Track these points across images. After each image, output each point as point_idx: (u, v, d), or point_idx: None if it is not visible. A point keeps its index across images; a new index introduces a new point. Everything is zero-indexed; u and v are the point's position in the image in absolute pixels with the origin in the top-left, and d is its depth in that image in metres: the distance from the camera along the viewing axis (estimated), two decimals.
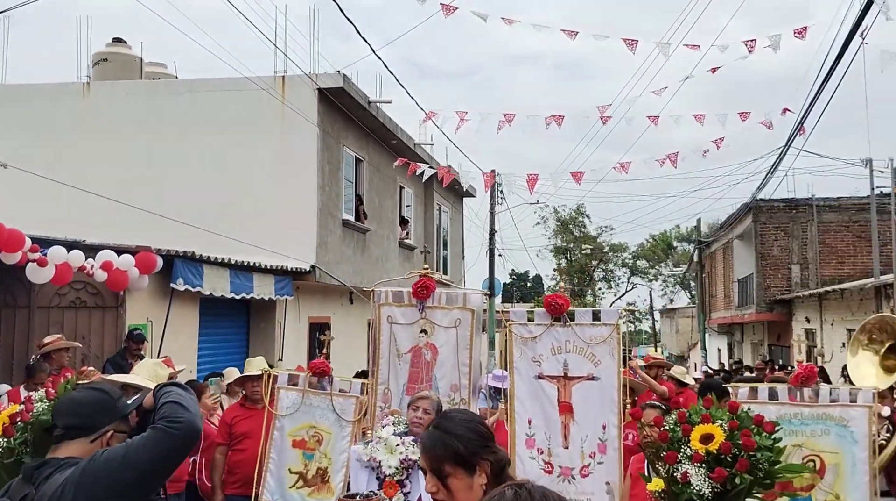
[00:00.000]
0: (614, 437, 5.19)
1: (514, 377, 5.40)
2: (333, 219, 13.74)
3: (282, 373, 6.04)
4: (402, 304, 5.99)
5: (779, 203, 20.43)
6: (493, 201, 25.09)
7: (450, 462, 2.19)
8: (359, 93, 13.76)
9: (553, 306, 5.28)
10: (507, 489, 1.33)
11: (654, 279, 56.29)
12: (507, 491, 1.31)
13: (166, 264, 8.86)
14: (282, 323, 12.42)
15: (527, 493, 1.31)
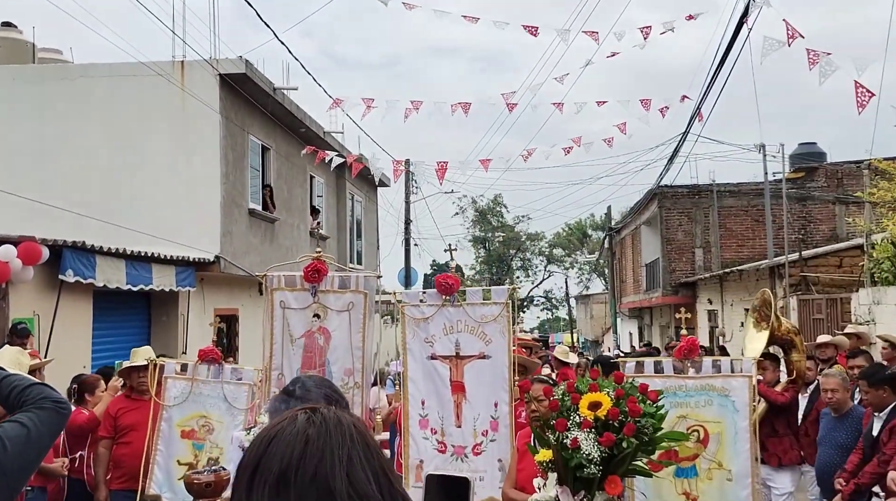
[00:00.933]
0: (506, 414, 5.24)
1: (408, 359, 5.39)
2: (239, 208, 13.42)
3: (169, 362, 5.87)
4: (294, 288, 5.90)
5: (682, 189, 21.11)
6: (408, 190, 25.09)
7: None
8: (263, 79, 13.46)
9: (444, 285, 5.28)
10: (301, 413, 1.20)
11: (569, 267, 57.44)
12: (299, 415, 1.19)
13: (55, 254, 8.47)
14: (185, 315, 12.07)
15: (321, 418, 1.18)
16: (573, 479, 3.49)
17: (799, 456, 6.62)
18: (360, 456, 1.16)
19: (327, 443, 1.15)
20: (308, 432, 1.16)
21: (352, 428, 1.20)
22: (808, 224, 19.96)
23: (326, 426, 1.17)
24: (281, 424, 1.19)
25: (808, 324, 11.54)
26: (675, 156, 14.65)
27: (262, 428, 3.84)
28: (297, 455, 1.13)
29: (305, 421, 1.17)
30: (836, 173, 20.23)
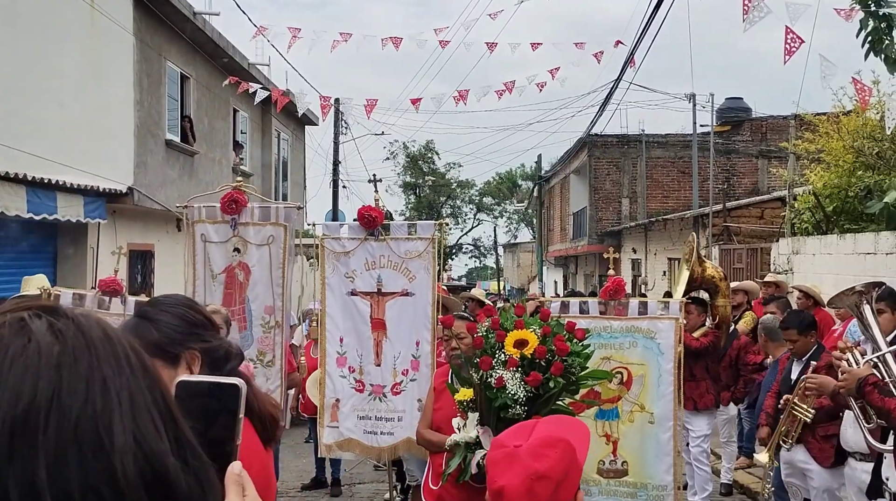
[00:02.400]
0: (427, 354, 5.06)
1: (326, 294, 5.12)
2: (155, 138, 12.70)
3: (65, 292, 5.43)
4: (215, 221, 5.55)
5: (612, 139, 21.18)
6: (337, 129, 24.44)
7: (148, 352, 1.83)
8: (182, 2, 12.63)
9: (367, 219, 5.00)
10: (31, 317, 0.71)
11: (499, 216, 57.74)
12: (31, 321, 0.70)
13: None
14: (94, 249, 11.41)
15: (73, 328, 0.71)
16: (496, 420, 3.32)
17: (714, 400, 6.69)
18: (144, 391, 0.73)
19: (93, 370, 0.68)
20: (55, 350, 0.67)
21: (124, 346, 0.76)
22: (732, 177, 20.33)
23: (85, 339, 0.70)
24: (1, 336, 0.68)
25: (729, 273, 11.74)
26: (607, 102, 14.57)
27: None
28: (43, 388, 0.64)
29: (47, 332, 0.68)
30: (760, 128, 20.58)
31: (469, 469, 3.30)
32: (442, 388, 3.95)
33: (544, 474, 1.89)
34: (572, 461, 1.97)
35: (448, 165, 53.20)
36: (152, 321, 1.88)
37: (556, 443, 1.96)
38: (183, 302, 2.01)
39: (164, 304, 1.98)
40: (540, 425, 2.14)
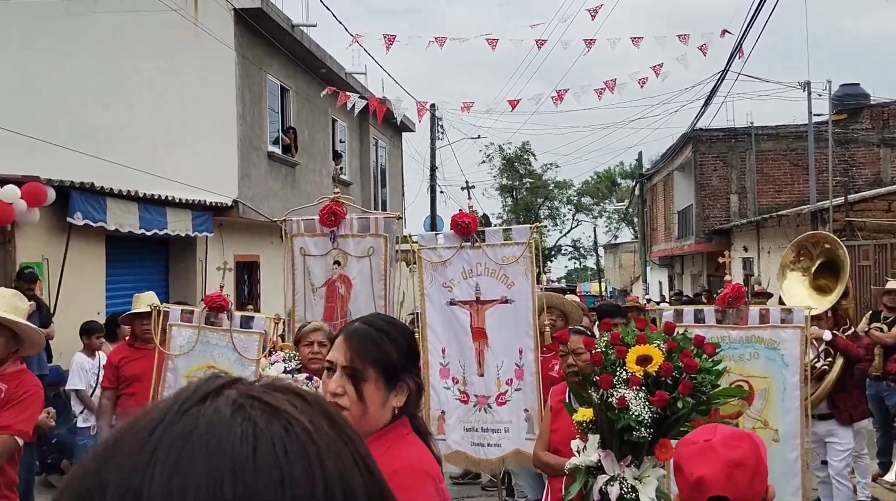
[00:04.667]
0: (531, 362, 4.84)
1: (426, 305, 4.98)
2: (258, 151, 13.00)
3: (173, 309, 5.50)
4: (314, 234, 5.54)
5: (718, 133, 20.29)
6: (434, 135, 24.50)
7: (375, 368, 1.82)
8: (280, 15, 12.89)
9: (461, 226, 4.83)
10: (217, 397, 0.58)
11: (598, 216, 56.66)
12: (215, 403, 0.58)
13: (62, 196, 8.14)
14: (203, 262, 11.76)
15: (267, 411, 0.58)
16: (620, 443, 3.08)
17: (866, 410, 6.26)
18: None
19: (348, 444, 0.59)
20: (312, 431, 0.57)
21: (349, 430, 0.62)
22: (851, 168, 19.09)
23: (324, 412, 0.61)
24: (178, 415, 0.57)
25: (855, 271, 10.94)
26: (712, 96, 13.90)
27: None
28: (331, 474, 0.56)
29: (234, 414, 0.56)
30: (881, 114, 19.25)
31: (591, 495, 3.06)
32: (559, 407, 3.74)
33: (740, 462, 1.93)
34: (760, 455, 2.03)
35: (545, 166, 52.64)
36: (389, 338, 1.87)
37: (744, 436, 2.07)
38: (407, 328, 2.03)
39: (394, 324, 1.97)
40: (720, 426, 2.20)
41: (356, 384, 1.83)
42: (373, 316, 2.04)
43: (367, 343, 1.86)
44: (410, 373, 1.90)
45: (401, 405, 1.87)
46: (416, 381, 1.91)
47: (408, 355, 1.91)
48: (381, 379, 1.84)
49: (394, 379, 1.85)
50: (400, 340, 1.91)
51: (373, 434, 1.86)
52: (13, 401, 3.58)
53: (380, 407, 1.84)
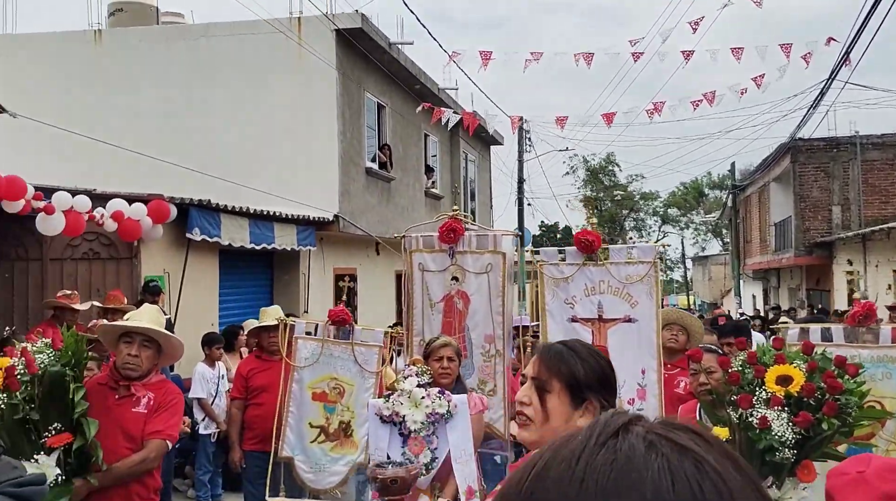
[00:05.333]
0: (654, 382, 4.81)
1: (548, 321, 5.01)
2: (356, 167, 13.33)
3: (299, 322, 5.70)
4: (432, 250, 5.65)
5: (819, 142, 19.58)
6: (522, 148, 24.50)
7: (561, 381, 1.92)
8: (379, 34, 13.21)
9: (584, 243, 4.85)
10: (628, 435, 0.67)
11: (685, 228, 55.45)
12: (628, 439, 0.66)
13: (182, 213, 8.56)
14: (306, 275, 12.13)
15: (677, 451, 0.65)
16: (760, 463, 3.06)
17: None
18: None
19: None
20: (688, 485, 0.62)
21: (751, 472, 0.68)
22: None
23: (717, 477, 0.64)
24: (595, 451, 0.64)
25: None
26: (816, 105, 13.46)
27: (401, 395, 3.57)
28: None
29: (648, 450, 0.64)
30: None
31: None
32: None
33: (894, 495, 1.86)
34: None
35: (630, 177, 51.88)
36: (579, 357, 1.95)
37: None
38: (603, 356, 2.08)
39: (588, 349, 2.05)
40: (874, 457, 2.11)
41: (541, 395, 1.93)
42: (573, 340, 2.11)
43: (555, 358, 1.96)
44: (598, 395, 1.93)
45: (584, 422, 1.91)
46: (605, 405, 1.94)
47: (598, 378, 1.97)
48: (565, 393, 1.93)
49: (579, 396, 1.92)
50: (591, 361, 1.97)
51: None
52: (161, 408, 3.80)
53: (562, 422, 1.91)
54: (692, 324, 5.41)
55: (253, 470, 5.61)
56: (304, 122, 12.37)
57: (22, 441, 3.38)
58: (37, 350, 3.49)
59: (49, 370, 3.41)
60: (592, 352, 2.05)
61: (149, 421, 3.72)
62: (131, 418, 3.69)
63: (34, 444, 3.38)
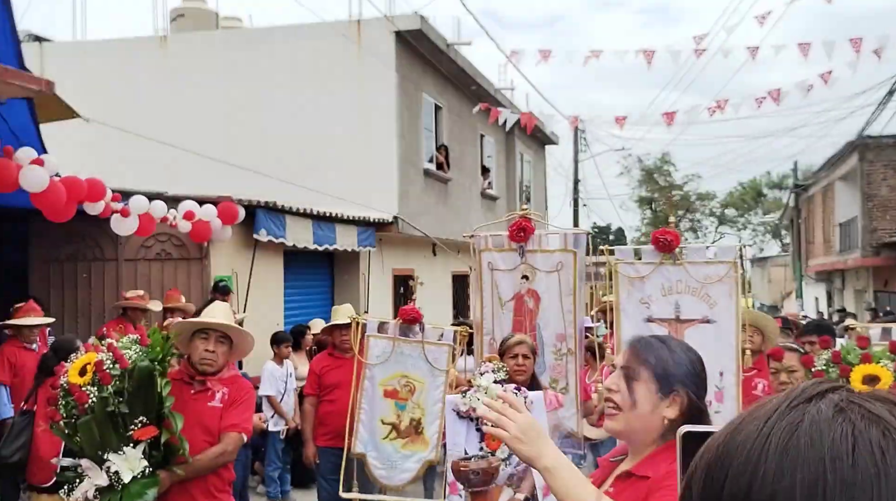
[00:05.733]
0: (732, 385, 4.72)
1: (622, 320, 4.95)
2: (415, 168, 13.40)
3: (370, 321, 5.76)
4: (502, 249, 5.64)
5: (889, 139, 18.97)
6: (577, 147, 24.35)
7: (649, 370, 1.95)
8: (437, 35, 13.26)
9: (662, 242, 4.78)
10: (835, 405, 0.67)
11: (742, 228, 54.33)
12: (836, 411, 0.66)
13: (248, 214, 8.70)
14: (366, 275, 12.23)
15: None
16: None
17: None
18: None
19: None
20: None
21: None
22: None
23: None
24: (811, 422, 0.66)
25: None
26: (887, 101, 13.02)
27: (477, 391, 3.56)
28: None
29: (835, 416, 0.66)
30: None
31: None
32: None
33: None
34: None
35: (686, 177, 51.03)
36: (669, 349, 2.00)
37: None
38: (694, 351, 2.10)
39: (680, 343, 2.09)
40: None
41: (629, 383, 1.97)
42: (665, 336, 2.16)
43: (644, 347, 2.00)
44: (685, 387, 1.95)
45: (673, 417, 1.93)
46: (693, 399, 1.95)
47: (686, 371, 1.97)
48: (652, 382, 1.95)
49: (666, 387, 1.94)
50: (680, 354, 2.00)
51: (654, 450, 1.96)
52: (236, 403, 3.86)
53: (649, 410, 1.94)
54: (767, 325, 5.29)
55: (326, 466, 5.68)
56: (364, 124, 12.49)
57: (110, 434, 3.46)
58: (124, 346, 3.58)
59: (138, 365, 3.50)
60: (684, 346, 2.07)
61: (225, 415, 3.79)
62: (208, 412, 3.76)
63: (122, 436, 3.47)
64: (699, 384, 2.00)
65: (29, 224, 8.23)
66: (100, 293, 8.17)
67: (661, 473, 1.87)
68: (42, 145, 6.14)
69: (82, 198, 6.08)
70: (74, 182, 5.93)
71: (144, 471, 3.43)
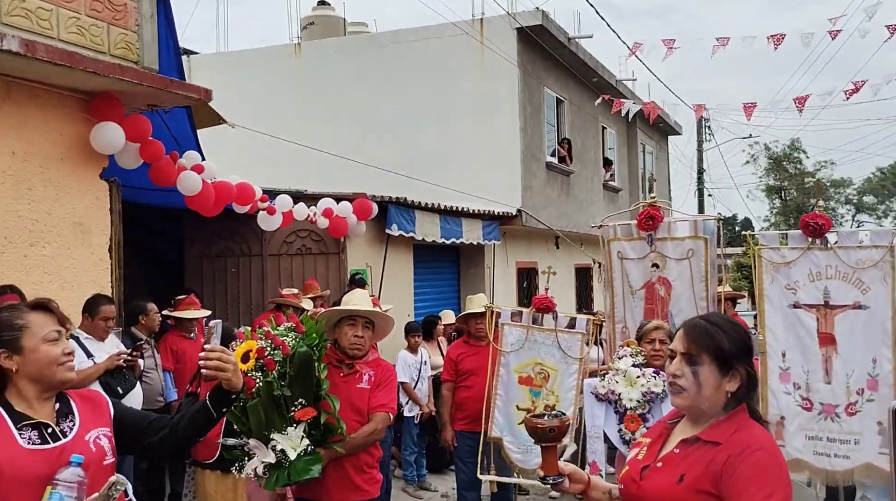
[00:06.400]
0: (888, 372, 4.56)
1: (765, 306, 4.88)
2: (537, 162, 13.46)
3: (504, 309, 5.91)
4: (631, 238, 5.68)
5: None
6: (701, 137, 23.66)
7: (709, 354, 2.11)
8: (558, 29, 13.26)
9: (811, 227, 4.67)
10: None
11: (882, 216, 50.96)
12: None
13: (381, 210, 9.05)
14: (490, 268, 12.41)
15: None
16: None
17: None
18: None
19: None
20: None
21: None
22: None
23: None
24: None
25: None
26: None
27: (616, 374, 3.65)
28: None
29: None
30: None
31: None
32: None
33: None
34: None
35: (818, 164, 48.41)
36: (721, 329, 2.15)
37: None
38: (739, 325, 2.25)
39: (726, 320, 2.23)
40: None
41: (692, 367, 2.12)
42: (711, 314, 2.36)
43: (701, 334, 2.14)
44: (742, 362, 2.13)
45: (734, 390, 2.12)
46: (749, 371, 2.14)
47: (740, 347, 2.13)
48: (714, 365, 2.11)
49: (726, 366, 2.11)
50: (733, 333, 2.15)
51: (718, 419, 2.12)
52: (382, 384, 4.07)
53: (714, 389, 2.11)
54: None
55: (464, 449, 5.87)
56: (488, 119, 12.68)
57: (274, 415, 3.74)
58: (281, 333, 3.86)
59: (298, 351, 3.76)
60: (732, 323, 2.20)
61: (372, 396, 3.99)
62: (357, 393, 3.98)
63: (284, 417, 3.74)
64: (749, 354, 2.17)
65: (183, 223, 8.90)
66: (247, 286, 8.73)
67: (733, 441, 2.04)
68: (200, 150, 6.65)
69: (231, 199, 6.54)
70: (225, 186, 6.40)
71: (307, 449, 3.69)
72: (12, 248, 4.89)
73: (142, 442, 2.41)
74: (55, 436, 2.17)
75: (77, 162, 5.31)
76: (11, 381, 2.18)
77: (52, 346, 2.21)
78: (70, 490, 2.02)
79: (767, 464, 2.00)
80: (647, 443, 2.28)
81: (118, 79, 5.02)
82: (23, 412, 2.16)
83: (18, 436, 2.11)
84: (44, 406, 2.21)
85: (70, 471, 2.05)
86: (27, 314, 2.22)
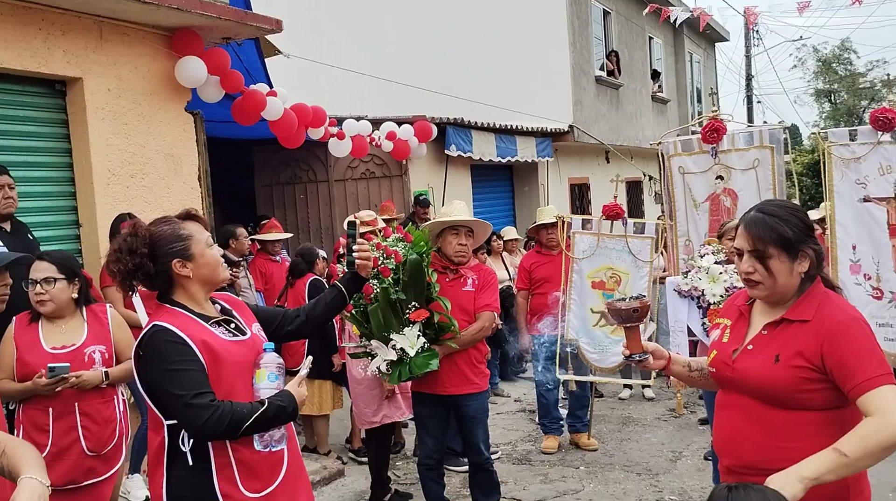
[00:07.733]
0: None
1: (836, 201, 5.01)
2: (587, 76, 13.40)
3: (574, 218, 6.14)
4: (692, 152, 5.77)
5: None
6: (749, 42, 23.05)
7: (774, 245, 2.16)
8: None
9: (882, 121, 4.76)
10: None
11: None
12: None
13: (439, 132, 9.23)
14: (545, 185, 12.57)
15: None
16: None
17: None
18: None
19: None
20: None
21: None
22: None
23: None
24: None
25: None
26: None
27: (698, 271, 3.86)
28: None
29: None
30: None
31: None
32: None
33: None
34: None
35: (870, 64, 46.57)
36: (780, 218, 2.19)
37: None
38: (796, 207, 2.31)
39: (783, 205, 2.29)
40: None
41: (762, 262, 2.18)
42: (764, 203, 2.30)
43: (763, 227, 2.18)
44: (807, 243, 2.18)
45: (805, 270, 2.18)
46: (814, 248, 2.19)
47: (802, 230, 2.18)
48: (782, 253, 2.16)
49: (793, 251, 2.16)
50: (791, 218, 2.19)
51: (798, 299, 2.20)
52: (485, 287, 4.40)
53: (788, 276, 2.18)
54: None
55: (542, 352, 6.20)
56: (536, 36, 12.62)
57: (391, 317, 4.09)
58: (391, 244, 4.16)
59: (409, 258, 4.07)
60: (788, 208, 2.24)
61: (478, 297, 4.34)
62: (464, 296, 4.32)
63: (400, 319, 4.09)
64: (811, 229, 2.23)
65: (252, 154, 9.21)
66: (316, 212, 9.07)
67: (820, 316, 2.13)
68: (269, 80, 6.87)
69: (308, 123, 6.78)
70: (302, 109, 6.63)
71: (423, 346, 4.05)
72: (115, 180, 5.24)
73: (281, 332, 2.68)
74: (240, 330, 2.42)
75: (164, 97, 5.59)
76: (182, 287, 2.37)
77: (213, 249, 2.43)
78: (278, 371, 2.34)
79: (863, 332, 2.12)
80: (728, 325, 2.37)
81: (199, 13, 5.24)
82: (201, 312, 2.37)
83: (218, 332, 2.33)
84: (212, 307, 2.44)
85: (270, 356, 2.36)
86: (186, 224, 2.40)
